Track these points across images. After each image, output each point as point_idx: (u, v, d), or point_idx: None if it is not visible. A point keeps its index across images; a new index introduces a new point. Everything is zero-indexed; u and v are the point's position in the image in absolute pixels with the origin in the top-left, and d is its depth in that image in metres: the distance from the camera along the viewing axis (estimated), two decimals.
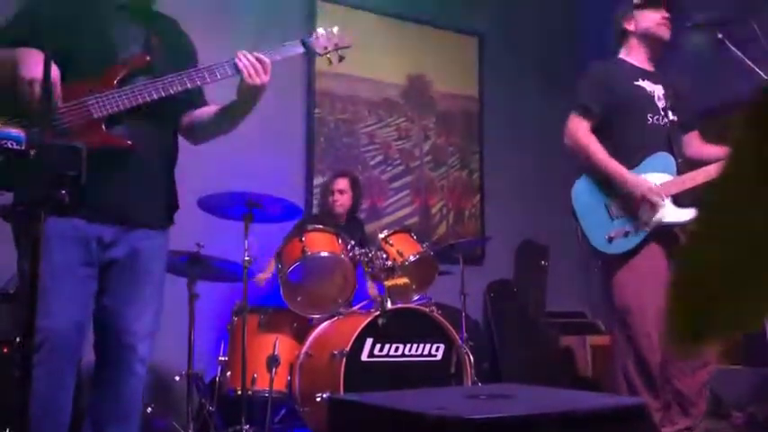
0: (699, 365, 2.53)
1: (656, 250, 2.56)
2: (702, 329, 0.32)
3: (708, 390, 2.61)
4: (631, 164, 2.61)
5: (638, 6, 2.75)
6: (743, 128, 0.33)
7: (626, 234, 2.56)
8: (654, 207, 2.53)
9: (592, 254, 2.65)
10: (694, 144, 2.81)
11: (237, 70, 1.97)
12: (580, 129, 2.67)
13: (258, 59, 1.98)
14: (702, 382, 2.54)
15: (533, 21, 5.51)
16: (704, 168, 2.57)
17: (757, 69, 2.59)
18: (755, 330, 0.33)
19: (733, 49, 2.65)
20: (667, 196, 2.56)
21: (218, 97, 2.18)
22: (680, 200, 2.58)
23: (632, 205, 2.56)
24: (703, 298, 0.33)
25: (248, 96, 2.01)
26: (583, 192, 2.67)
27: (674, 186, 2.57)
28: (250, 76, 1.96)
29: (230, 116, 2.11)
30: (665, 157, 2.63)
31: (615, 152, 2.62)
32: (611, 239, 2.57)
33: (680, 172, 2.62)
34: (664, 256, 2.57)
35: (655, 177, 2.60)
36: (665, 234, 2.56)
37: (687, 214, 2.56)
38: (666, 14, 2.73)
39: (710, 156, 2.72)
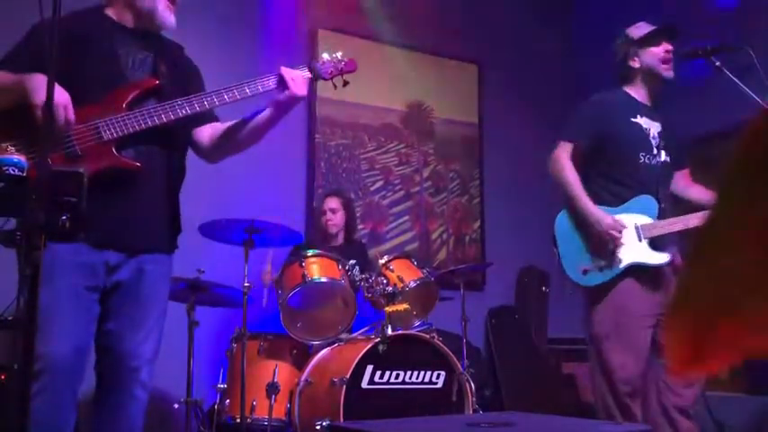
0: (685, 385, 2.53)
1: (632, 286, 2.57)
2: (700, 354, 0.32)
3: (694, 410, 2.60)
4: (617, 202, 2.64)
5: (641, 44, 2.74)
6: (739, 153, 0.34)
7: (600, 269, 2.58)
8: (614, 242, 2.54)
9: (569, 283, 2.67)
10: (681, 182, 2.83)
11: (280, 82, 2.03)
12: (561, 157, 2.69)
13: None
14: (690, 402, 2.54)
15: (532, 48, 5.56)
16: (685, 217, 2.59)
17: (754, 96, 2.60)
18: (755, 357, 0.33)
19: (730, 76, 2.67)
20: (647, 238, 2.58)
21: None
22: (657, 243, 2.60)
23: (603, 240, 2.56)
24: (702, 322, 0.33)
25: (285, 108, 2.08)
26: (564, 221, 2.70)
27: (657, 229, 2.59)
28: (297, 87, 2.02)
29: (260, 129, 2.15)
30: (648, 200, 2.65)
31: (604, 186, 2.66)
32: (585, 272, 2.59)
33: (661, 216, 2.63)
34: (641, 292, 2.57)
35: (636, 219, 2.61)
36: (644, 271, 2.57)
37: (660, 258, 2.58)
38: (669, 47, 2.72)
39: (693, 197, 2.77)
